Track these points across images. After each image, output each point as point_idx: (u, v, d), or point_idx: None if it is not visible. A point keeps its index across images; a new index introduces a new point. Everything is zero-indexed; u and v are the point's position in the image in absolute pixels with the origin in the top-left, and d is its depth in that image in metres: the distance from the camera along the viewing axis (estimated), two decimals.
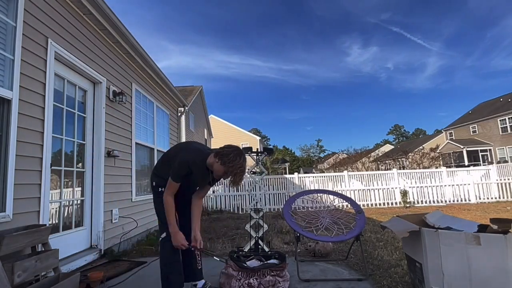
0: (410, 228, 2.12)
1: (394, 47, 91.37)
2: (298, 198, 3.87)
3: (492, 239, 1.89)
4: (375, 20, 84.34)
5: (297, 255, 3.14)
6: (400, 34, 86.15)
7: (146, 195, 5.35)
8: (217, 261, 2.75)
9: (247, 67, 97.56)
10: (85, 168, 3.73)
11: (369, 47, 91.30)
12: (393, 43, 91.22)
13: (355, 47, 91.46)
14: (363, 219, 3.19)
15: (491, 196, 9.59)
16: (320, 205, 5.13)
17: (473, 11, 75.36)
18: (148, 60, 5.13)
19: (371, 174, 10.87)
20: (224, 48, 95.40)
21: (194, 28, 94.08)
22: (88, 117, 3.84)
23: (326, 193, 4.30)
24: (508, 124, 25.48)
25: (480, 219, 5.91)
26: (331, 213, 3.69)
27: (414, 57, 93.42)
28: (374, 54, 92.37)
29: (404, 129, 75.23)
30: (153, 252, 4.05)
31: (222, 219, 7.56)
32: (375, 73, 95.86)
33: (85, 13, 3.60)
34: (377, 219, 6.66)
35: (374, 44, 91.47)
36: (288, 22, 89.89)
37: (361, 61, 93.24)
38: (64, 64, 3.35)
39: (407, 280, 2.63)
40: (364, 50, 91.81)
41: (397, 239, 4.11)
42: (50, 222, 3.03)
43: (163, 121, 6.66)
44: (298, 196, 3.84)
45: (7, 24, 2.53)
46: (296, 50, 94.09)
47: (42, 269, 2.24)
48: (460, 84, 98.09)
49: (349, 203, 3.69)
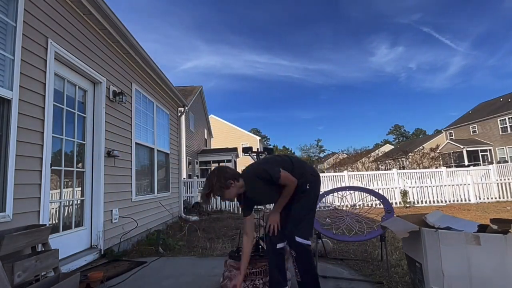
0: (410, 228, 2.12)
1: (420, 47, 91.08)
2: (328, 195, 3.76)
3: (492, 239, 1.89)
4: (406, 21, 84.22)
5: (317, 252, 3.11)
6: (429, 34, 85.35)
7: (146, 195, 5.35)
8: (216, 261, 2.75)
9: (273, 67, 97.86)
10: (85, 168, 3.73)
11: (396, 47, 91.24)
12: (421, 43, 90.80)
13: (383, 47, 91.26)
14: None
15: (491, 196, 9.58)
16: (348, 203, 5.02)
17: (507, 10, 74.45)
18: (148, 60, 5.13)
19: (371, 174, 10.87)
20: (255, 47, 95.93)
21: (230, 28, 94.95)
22: (88, 117, 3.84)
23: (358, 190, 4.13)
24: (508, 124, 25.48)
25: (480, 219, 5.90)
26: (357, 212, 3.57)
27: (439, 57, 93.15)
28: (399, 54, 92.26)
29: (404, 129, 75.24)
30: (153, 252, 4.05)
31: (222, 219, 7.55)
32: (397, 73, 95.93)
33: (85, 13, 3.60)
34: (377, 219, 6.65)
35: (401, 44, 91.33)
36: (322, 22, 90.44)
37: (385, 61, 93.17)
38: (64, 64, 3.35)
39: (407, 280, 2.63)
40: (390, 50, 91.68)
41: (397, 239, 4.11)
42: (50, 222, 3.03)
43: (163, 121, 6.66)
44: (328, 193, 3.75)
45: (7, 24, 2.53)
46: (323, 50, 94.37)
47: (42, 269, 2.25)
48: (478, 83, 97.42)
49: (381, 201, 3.51)
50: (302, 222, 2.24)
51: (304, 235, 2.19)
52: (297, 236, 2.19)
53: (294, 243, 2.18)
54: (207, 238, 5.00)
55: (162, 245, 4.19)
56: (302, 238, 2.18)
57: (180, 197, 7.58)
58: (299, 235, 2.19)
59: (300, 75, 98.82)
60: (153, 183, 5.75)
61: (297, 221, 2.25)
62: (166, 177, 6.69)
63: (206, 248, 4.28)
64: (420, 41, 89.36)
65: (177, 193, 7.41)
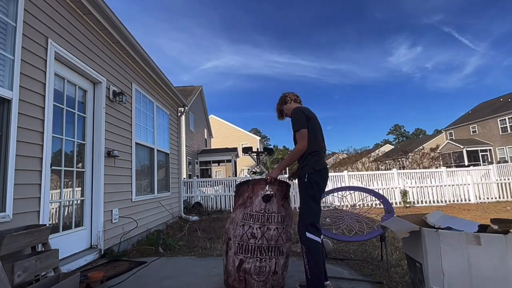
0: (410, 228, 2.12)
1: (439, 47, 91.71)
2: (328, 195, 3.76)
3: (493, 239, 1.89)
4: (429, 21, 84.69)
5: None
6: (449, 35, 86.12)
7: (146, 195, 5.35)
8: (216, 261, 2.74)
9: (291, 67, 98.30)
10: (85, 168, 3.73)
11: (415, 47, 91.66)
12: (440, 43, 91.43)
13: (402, 47, 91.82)
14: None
15: (491, 196, 9.58)
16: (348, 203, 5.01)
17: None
18: (148, 60, 5.13)
19: (371, 174, 10.86)
20: (277, 47, 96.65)
21: (256, 28, 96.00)
22: (88, 117, 3.84)
23: (358, 190, 4.15)
24: (508, 124, 25.48)
25: (480, 219, 5.91)
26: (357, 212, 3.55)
27: (456, 57, 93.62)
28: (417, 54, 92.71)
29: (404, 129, 75.25)
30: (153, 252, 4.05)
31: (222, 219, 7.55)
32: (412, 72, 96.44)
33: (85, 13, 3.60)
34: (377, 219, 6.65)
35: (421, 44, 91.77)
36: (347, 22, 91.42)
37: (402, 61, 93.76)
38: (64, 64, 3.35)
39: (407, 280, 2.63)
40: (409, 50, 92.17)
41: (397, 239, 4.11)
42: (50, 222, 3.03)
43: (163, 121, 6.66)
44: (328, 193, 3.74)
45: (7, 24, 2.53)
46: (344, 50, 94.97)
47: (42, 269, 2.24)
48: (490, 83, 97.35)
49: (381, 201, 3.52)
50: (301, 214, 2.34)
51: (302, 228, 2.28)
52: (298, 229, 2.31)
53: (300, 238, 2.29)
54: (207, 238, 5.00)
55: (162, 245, 4.19)
56: (303, 231, 2.26)
57: (180, 197, 7.58)
58: (300, 229, 2.30)
59: (316, 75, 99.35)
60: (153, 183, 5.75)
61: (299, 214, 2.35)
62: (166, 177, 6.69)
63: (206, 248, 4.28)
64: (440, 41, 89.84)
65: (177, 193, 7.41)
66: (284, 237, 2.42)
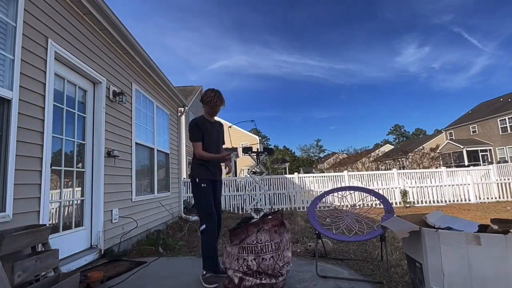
0: (410, 228, 2.12)
1: (447, 47, 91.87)
2: (328, 195, 3.77)
3: (493, 239, 1.89)
4: (439, 21, 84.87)
5: (316, 252, 3.13)
6: (458, 35, 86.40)
7: (146, 195, 5.35)
8: None
9: (298, 66, 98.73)
10: (85, 168, 3.73)
11: (423, 47, 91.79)
12: (448, 43, 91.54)
13: (411, 47, 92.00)
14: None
15: (491, 196, 9.59)
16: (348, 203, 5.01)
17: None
18: (148, 60, 5.13)
19: (371, 174, 10.86)
20: (286, 47, 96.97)
21: (267, 29, 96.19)
22: (88, 117, 3.84)
23: (358, 190, 4.14)
24: (508, 124, 25.49)
25: (480, 219, 5.91)
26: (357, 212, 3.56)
27: (464, 57, 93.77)
28: (425, 54, 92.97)
29: (404, 129, 75.29)
30: (153, 252, 4.05)
31: (222, 219, 7.54)
32: (419, 72, 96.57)
33: (85, 13, 3.60)
34: (377, 219, 6.65)
35: (429, 44, 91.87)
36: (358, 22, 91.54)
37: (410, 61, 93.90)
38: (64, 64, 3.35)
39: (407, 280, 2.63)
40: (417, 50, 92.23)
41: (397, 239, 4.11)
42: (50, 222, 3.03)
43: (163, 121, 6.66)
44: (328, 193, 3.76)
45: (7, 24, 2.53)
46: (353, 50, 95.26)
47: (42, 269, 2.24)
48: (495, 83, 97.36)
49: (381, 201, 3.50)
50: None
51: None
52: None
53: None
54: None
55: (162, 245, 4.19)
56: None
57: (180, 197, 7.58)
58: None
59: (324, 74, 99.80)
60: (153, 183, 5.75)
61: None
62: (166, 177, 6.69)
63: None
64: (448, 41, 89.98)
65: (177, 193, 7.40)
66: (281, 264, 2.45)
